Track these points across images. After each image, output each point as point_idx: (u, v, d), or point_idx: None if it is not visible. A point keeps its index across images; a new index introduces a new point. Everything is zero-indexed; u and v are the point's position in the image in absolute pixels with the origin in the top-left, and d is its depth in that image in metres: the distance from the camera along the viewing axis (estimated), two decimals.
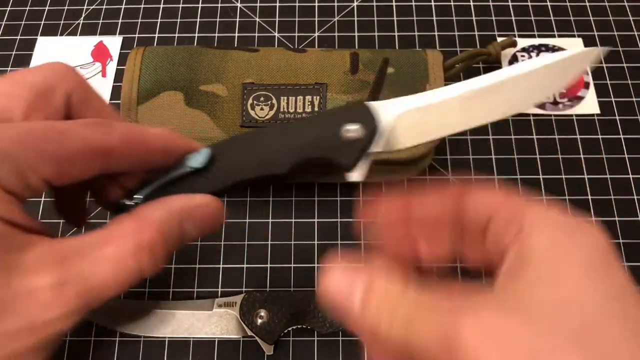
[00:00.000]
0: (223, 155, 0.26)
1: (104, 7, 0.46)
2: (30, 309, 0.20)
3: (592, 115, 0.41)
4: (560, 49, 0.44)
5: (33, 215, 0.24)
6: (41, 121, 0.23)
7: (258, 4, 0.47)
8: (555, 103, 0.42)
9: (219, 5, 0.46)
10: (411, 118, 0.25)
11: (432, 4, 0.46)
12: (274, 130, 0.26)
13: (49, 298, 0.21)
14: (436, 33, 0.45)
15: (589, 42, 0.44)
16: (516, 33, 0.45)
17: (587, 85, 0.42)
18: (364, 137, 0.24)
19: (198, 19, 0.46)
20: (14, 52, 0.44)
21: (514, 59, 0.44)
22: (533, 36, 0.45)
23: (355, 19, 0.46)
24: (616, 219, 0.38)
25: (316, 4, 0.47)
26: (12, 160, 0.20)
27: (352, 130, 0.24)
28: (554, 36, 0.45)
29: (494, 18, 0.46)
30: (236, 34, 0.45)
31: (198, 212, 0.25)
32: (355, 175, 0.25)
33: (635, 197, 0.38)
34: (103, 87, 0.43)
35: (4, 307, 0.20)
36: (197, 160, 0.25)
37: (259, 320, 0.32)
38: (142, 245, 0.22)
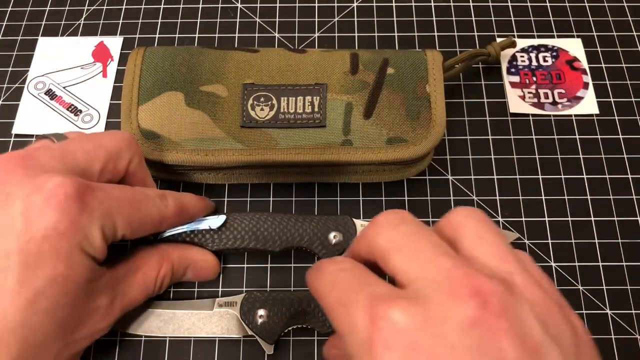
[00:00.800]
0: (234, 224, 0.34)
1: (105, 7, 0.46)
2: (94, 321, 0.28)
3: (592, 115, 0.41)
4: (559, 49, 0.44)
5: None
6: (132, 190, 0.29)
7: (258, 5, 0.47)
8: (554, 103, 0.42)
9: (220, 5, 0.47)
10: None
11: (432, 4, 0.46)
12: (277, 217, 0.34)
13: (105, 313, 0.28)
14: (436, 33, 0.45)
15: (588, 42, 0.44)
16: (515, 33, 0.45)
17: (586, 86, 0.43)
18: (344, 243, 0.34)
19: (198, 20, 0.46)
20: (15, 53, 0.44)
21: (513, 59, 0.44)
22: (532, 37, 0.45)
23: (355, 19, 0.46)
24: (615, 219, 0.38)
25: (316, 5, 0.47)
26: (113, 220, 0.27)
27: (337, 237, 0.34)
28: (553, 37, 0.45)
29: (493, 18, 0.46)
30: (236, 35, 0.45)
31: (201, 264, 0.33)
32: None
33: (634, 197, 0.39)
34: (103, 87, 0.43)
35: (81, 322, 0.27)
36: (214, 223, 0.34)
37: (259, 320, 0.32)
38: (160, 275, 0.31)
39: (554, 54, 0.44)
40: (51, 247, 0.25)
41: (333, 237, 0.34)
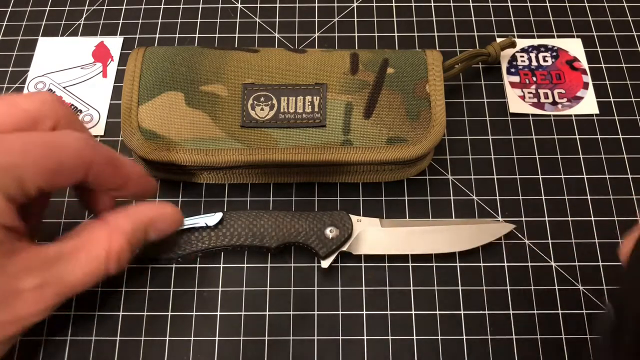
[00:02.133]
0: (231, 221, 0.34)
1: (105, 7, 0.46)
2: (17, 305, 0.25)
3: (591, 115, 0.41)
4: (559, 49, 0.44)
5: None
6: (39, 133, 0.25)
7: (258, 5, 0.47)
8: (554, 103, 0.42)
9: (220, 5, 0.47)
10: (371, 235, 0.35)
11: (432, 4, 0.47)
12: (273, 214, 0.35)
13: (32, 297, 0.25)
14: (436, 33, 0.45)
15: (588, 42, 0.44)
16: (515, 33, 0.45)
17: (586, 86, 0.43)
18: (340, 237, 0.34)
19: (199, 20, 0.46)
20: (15, 53, 0.44)
21: (513, 59, 0.44)
22: (532, 37, 0.45)
23: (355, 19, 0.46)
24: (615, 218, 0.38)
25: (316, 5, 0.47)
26: (15, 171, 0.23)
27: (334, 231, 0.34)
28: (553, 37, 0.45)
29: (493, 18, 0.46)
30: (236, 35, 0.45)
31: (160, 219, 0.30)
32: (327, 263, 0.35)
33: (634, 197, 0.39)
34: (103, 87, 0.43)
35: None
36: (211, 221, 0.34)
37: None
38: (111, 252, 0.27)
39: (554, 54, 0.44)
40: None
41: (329, 231, 0.34)
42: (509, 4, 0.46)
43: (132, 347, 0.34)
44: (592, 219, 0.38)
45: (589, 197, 0.39)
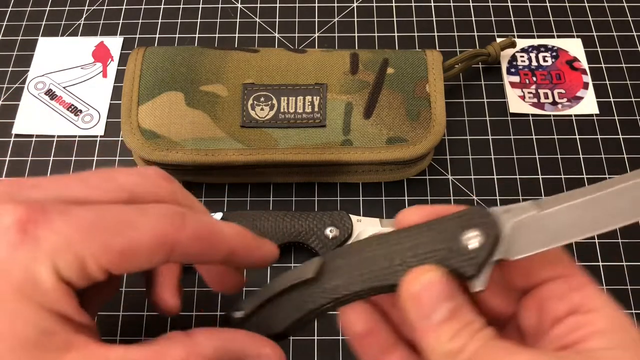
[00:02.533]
0: (231, 221, 0.25)
1: (105, 7, 0.46)
2: None
3: (591, 115, 0.41)
4: (559, 49, 0.44)
5: None
6: (112, 207, 0.21)
7: (258, 5, 0.47)
8: (554, 103, 0.42)
9: (220, 5, 0.47)
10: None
11: (432, 4, 0.47)
12: (273, 214, 0.32)
13: None
14: (436, 33, 0.45)
15: (588, 42, 0.44)
16: (515, 34, 0.45)
17: (586, 86, 0.43)
18: (340, 237, 0.28)
19: (198, 20, 0.46)
20: (15, 53, 0.44)
21: (513, 59, 0.44)
22: (532, 37, 0.45)
23: (355, 19, 0.46)
24: None
25: (316, 5, 0.47)
26: (74, 250, 0.19)
27: (334, 231, 0.28)
28: (553, 37, 0.45)
29: (493, 19, 0.46)
30: (236, 35, 0.45)
31: (251, 356, 0.23)
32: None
33: None
34: (104, 87, 0.43)
35: None
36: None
37: None
38: None
39: (554, 54, 0.44)
40: None
41: (329, 231, 0.34)
42: (509, 4, 0.46)
43: None
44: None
45: None
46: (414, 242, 0.22)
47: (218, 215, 0.34)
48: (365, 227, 0.35)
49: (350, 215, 0.35)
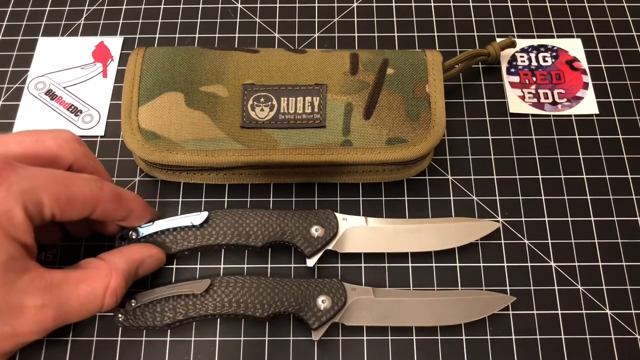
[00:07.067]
0: (216, 220, 0.35)
1: (105, 7, 0.46)
2: (19, 320, 0.27)
3: (591, 115, 0.42)
4: (559, 49, 0.44)
5: None
6: (60, 171, 0.29)
7: (258, 5, 0.47)
8: (554, 103, 0.42)
9: (220, 5, 0.47)
10: (356, 233, 0.35)
11: (432, 4, 0.47)
12: (259, 212, 0.35)
13: (34, 315, 0.27)
14: (436, 34, 0.45)
15: (588, 42, 0.44)
16: (515, 33, 0.45)
17: (586, 86, 0.43)
18: (326, 236, 0.34)
19: (199, 20, 0.46)
20: (15, 53, 0.44)
21: (513, 60, 0.44)
22: (532, 37, 0.45)
23: (355, 19, 0.46)
24: (615, 218, 0.38)
25: (316, 5, 0.47)
26: (37, 195, 0.26)
27: (319, 230, 0.34)
28: (553, 37, 0.45)
29: (493, 19, 0.46)
30: (236, 35, 0.45)
31: (148, 260, 0.33)
32: (312, 262, 0.34)
33: (634, 197, 0.39)
34: (104, 87, 0.43)
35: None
36: (197, 220, 0.34)
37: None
38: (109, 289, 0.30)
39: (554, 54, 0.44)
40: None
41: (315, 230, 0.35)
42: (509, 4, 0.46)
43: (134, 347, 0.34)
44: (592, 219, 0.38)
45: (588, 197, 0.39)
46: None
47: (204, 215, 0.34)
48: (350, 225, 0.35)
49: (336, 214, 0.35)
